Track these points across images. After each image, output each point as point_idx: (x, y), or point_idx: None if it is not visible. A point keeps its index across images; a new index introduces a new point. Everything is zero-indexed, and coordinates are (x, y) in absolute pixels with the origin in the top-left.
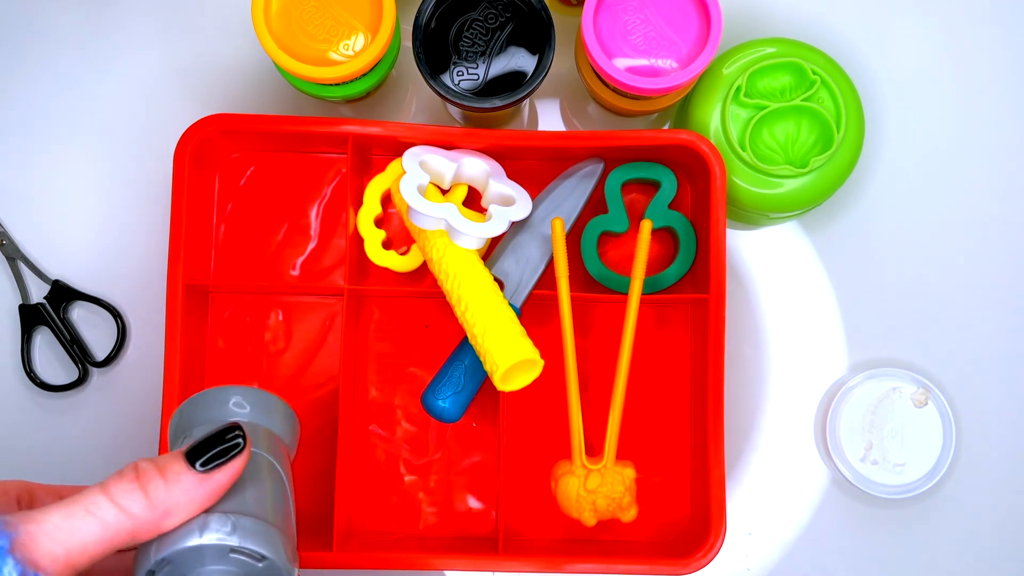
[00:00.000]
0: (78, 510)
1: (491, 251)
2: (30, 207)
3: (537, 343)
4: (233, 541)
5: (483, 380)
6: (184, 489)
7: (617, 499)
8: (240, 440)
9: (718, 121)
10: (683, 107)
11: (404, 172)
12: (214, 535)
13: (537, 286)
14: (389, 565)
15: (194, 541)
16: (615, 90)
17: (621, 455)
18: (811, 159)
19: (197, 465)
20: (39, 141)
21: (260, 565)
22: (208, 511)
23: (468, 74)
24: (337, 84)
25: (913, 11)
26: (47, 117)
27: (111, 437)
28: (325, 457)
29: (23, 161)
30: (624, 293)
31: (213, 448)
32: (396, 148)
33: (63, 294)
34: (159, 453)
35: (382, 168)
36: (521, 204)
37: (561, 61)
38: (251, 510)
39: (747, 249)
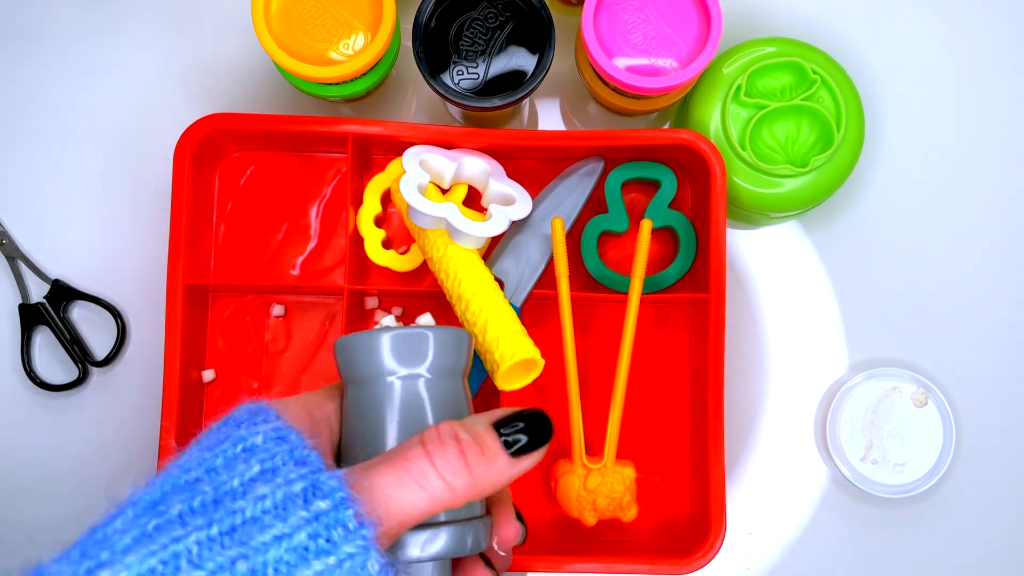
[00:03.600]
0: (408, 480)
1: (491, 251)
2: (30, 206)
3: (537, 343)
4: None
5: (483, 380)
6: (499, 471)
7: (617, 499)
8: (550, 430)
9: (718, 120)
10: (683, 106)
11: (404, 171)
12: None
13: (537, 286)
14: None
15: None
16: (615, 89)
17: (621, 455)
18: (811, 158)
19: (511, 450)
20: (39, 141)
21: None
22: None
23: (468, 73)
24: (337, 83)
25: (913, 10)
26: (47, 117)
27: (111, 437)
28: None
29: (23, 160)
30: (624, 293)
31: (529, 433)
32: (396, 147)
33: (63, 293)
34: (159, 450)
35: (382, 167)
36: (521, 203)
37: (561, 60)
38: None
39: (747, 249)
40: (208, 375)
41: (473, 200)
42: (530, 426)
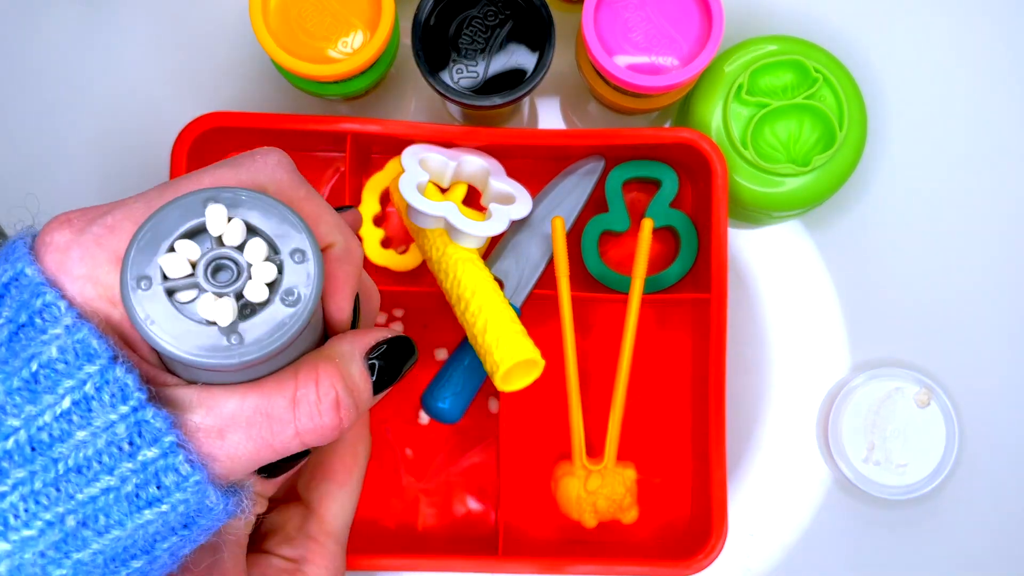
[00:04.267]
0: (267, 451)
1: (491, 250)
2: (25, 205)
3: (537, 343)
4: None
5: (483, 380)
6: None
7: (618, 500)
8: (412, 355)
9: (719, 119)
10: (684, 105)
11: (403, 170)
12: None
13: (537, 285)
14: (388, 567)
15: None
16: (616, 88)
17: (622, 456)
18: (813, 157)
19: (376, 391)
20: (35, 139)
21: None
22: None
23: (468, 72)
24: (335, 82)
25: (916, 8)
26: (43, 115)
27: None
28: None
29: (19, 159)
30: (625, 292)
31: (399, 369)
32: (395, 146)
33: None
34: None
35: (381, 166)
36: (521, 203)
37: (561, 58)
38: None
39: (749, 248)
40: None
41: (473, 199)
42: (396, 357)
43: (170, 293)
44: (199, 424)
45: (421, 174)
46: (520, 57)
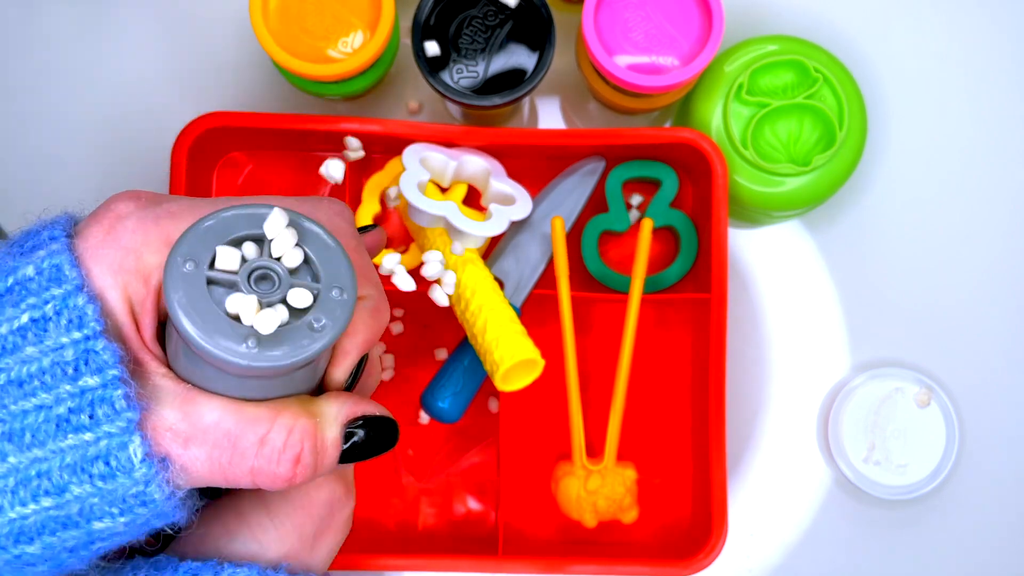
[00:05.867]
0: (220, 476)
1: (491, 250)
2: (25, 206)
3: (537, 343)
4: None
5: (483, 380)
6: (319, 474)
7: (618, 500)
8: (392, 443)
9: (720, 119)
10: (684, 105)
11: (404, 170)
12: None
13: (537, 285)
14: (388, 567)
15: None
16: (616, 88)
17: (622, 456)
18: (813, 157)
19: (341, 457)
20: (34, 139)
21: None
22: None
23: (468, 72)
24: (335, 82)
25: (916, 8)
26: (43, 115)
27: None
28: None
29: (18, 159)
30: (625, 292)
31: (373, 451)
32: (395, 146)
33: None
34: None
35: (381, 166)
36: (521, 203)
37: (561, 58)
38: None
39: (749, 248)
40: None
41: (473, 199)
42: (375, 437)
43: (209, 283)
44: (171, 424)
45: (422, 173)
46: (520, 57)
